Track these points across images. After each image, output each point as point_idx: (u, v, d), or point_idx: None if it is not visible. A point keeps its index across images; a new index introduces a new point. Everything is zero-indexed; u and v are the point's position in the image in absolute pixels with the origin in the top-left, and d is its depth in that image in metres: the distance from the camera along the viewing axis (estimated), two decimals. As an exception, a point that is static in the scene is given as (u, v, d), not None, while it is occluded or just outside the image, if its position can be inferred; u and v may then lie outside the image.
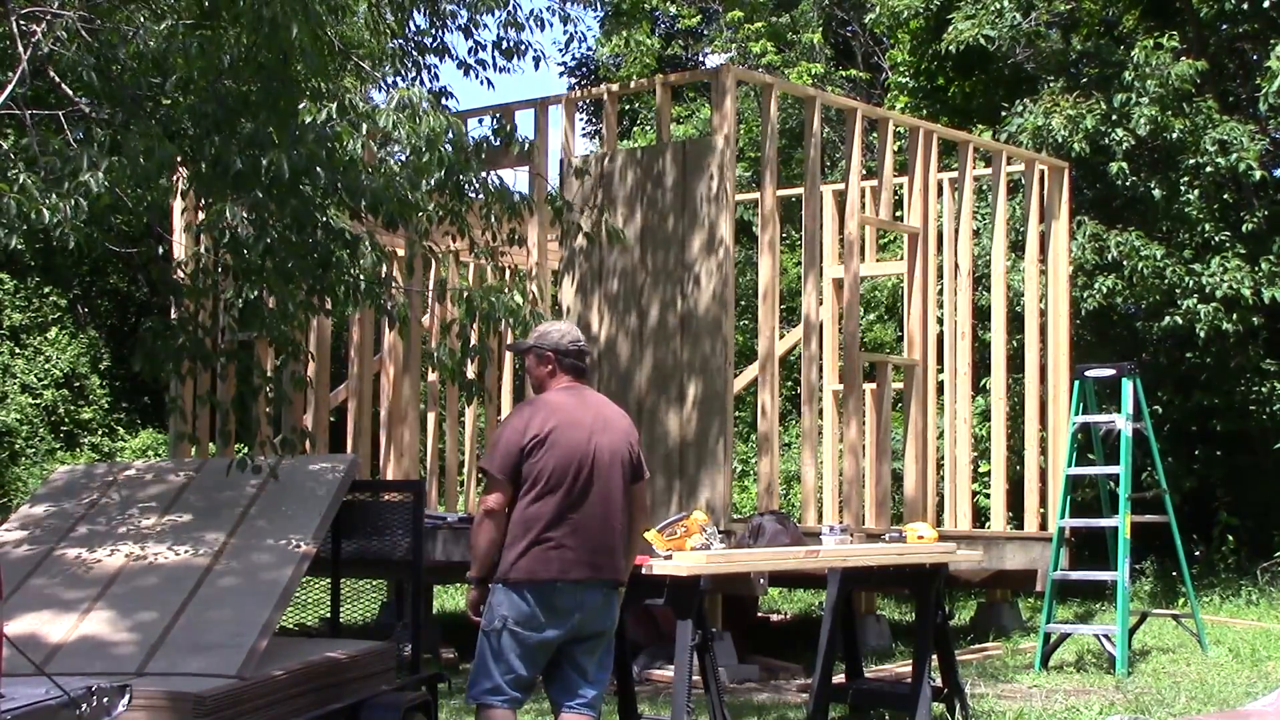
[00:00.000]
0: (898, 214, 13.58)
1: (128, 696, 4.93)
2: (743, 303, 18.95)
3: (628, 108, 23.96)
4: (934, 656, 8.27)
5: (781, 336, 14.62)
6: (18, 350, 19.65)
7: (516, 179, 11.32)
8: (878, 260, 15.25)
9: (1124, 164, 15.32)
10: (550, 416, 5.73)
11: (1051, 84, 16.68)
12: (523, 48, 9.74)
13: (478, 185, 8.72)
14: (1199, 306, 15.01)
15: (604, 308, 11.43)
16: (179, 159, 7.88)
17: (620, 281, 11.36)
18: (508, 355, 15.04)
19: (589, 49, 22.43)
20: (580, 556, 5.64)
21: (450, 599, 16.07)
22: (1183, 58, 15.54)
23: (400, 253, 11.84)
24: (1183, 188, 15.56)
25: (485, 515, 5.69)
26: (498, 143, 9.24)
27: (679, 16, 24.46)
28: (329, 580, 8.19)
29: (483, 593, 5.74)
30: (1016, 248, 14.55)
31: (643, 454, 6.04)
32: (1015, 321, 14.25)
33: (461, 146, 8.18)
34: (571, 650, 5.72)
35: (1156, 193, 15.64)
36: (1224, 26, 17.20)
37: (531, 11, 9.78)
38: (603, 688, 5.85)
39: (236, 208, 7.44)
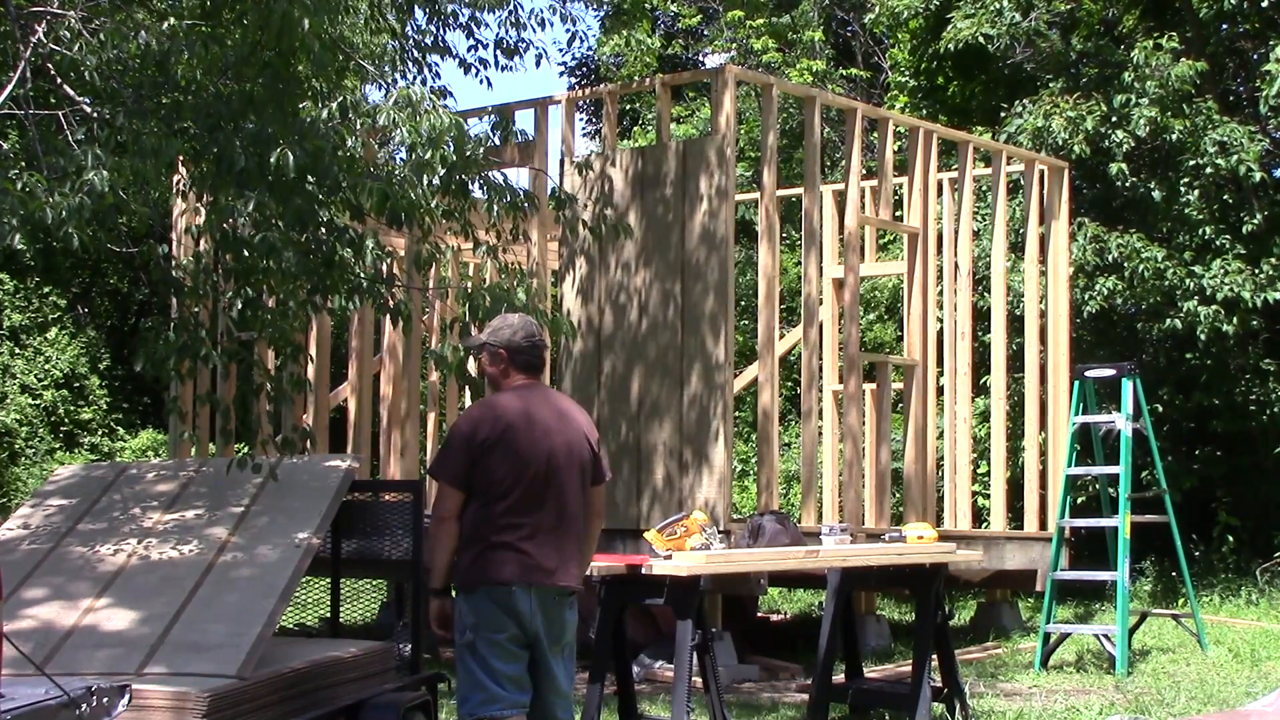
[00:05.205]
0: (898, 214, 13.59)
1: (127, 696, 4.93)
2: (743, 303, 18.96)
3: (628, 108, 23.97)
4: (934, 656, 8.27)
5: (781, 336, 14.62)
6: (18, 350, 19.65)
7: (518, 178, 11.34)
8: (878, 260, 15.26)
9: (1124, 165, 15.32)
10: (502, 418, 5.46)
11: (1051, 84, 16.69)
12: (524, 45, 9.75)
13: (480, 182, 8.73)
14: (1199, 309, 15.01)
15: (605, 307, 11.44)
16: (182, 158, 7.89)
17: (621, 281, 11.36)
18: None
19: (589, 49, 22.43)
20: (535, 562, 5.40)
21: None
22: (1183, 58, 15.54)
23: (401, 251, 11.84)
24: (1183, 189, 15.56)
25: (440, 524, 5.46)
26: (496, 136, 9.25)
27: (679, 16, 24.46)
28: (329, 580, 8.18)
29: (444, 604, 5.55)
30: (1016, 248, 14.55)
31: (604, 454, 5.77)
32: (1015, 322, 14.26)
33: (463, 144, 8.18)
34: (538, 657, 5.49)
35: (1156, 194, 15.65)
36: (1224, 27, 17.20)
37: (532, 11, 9.81)
38: (570, 697, 5.67)
39: (240, 206, 7.44)
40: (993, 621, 13.05)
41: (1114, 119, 15.44)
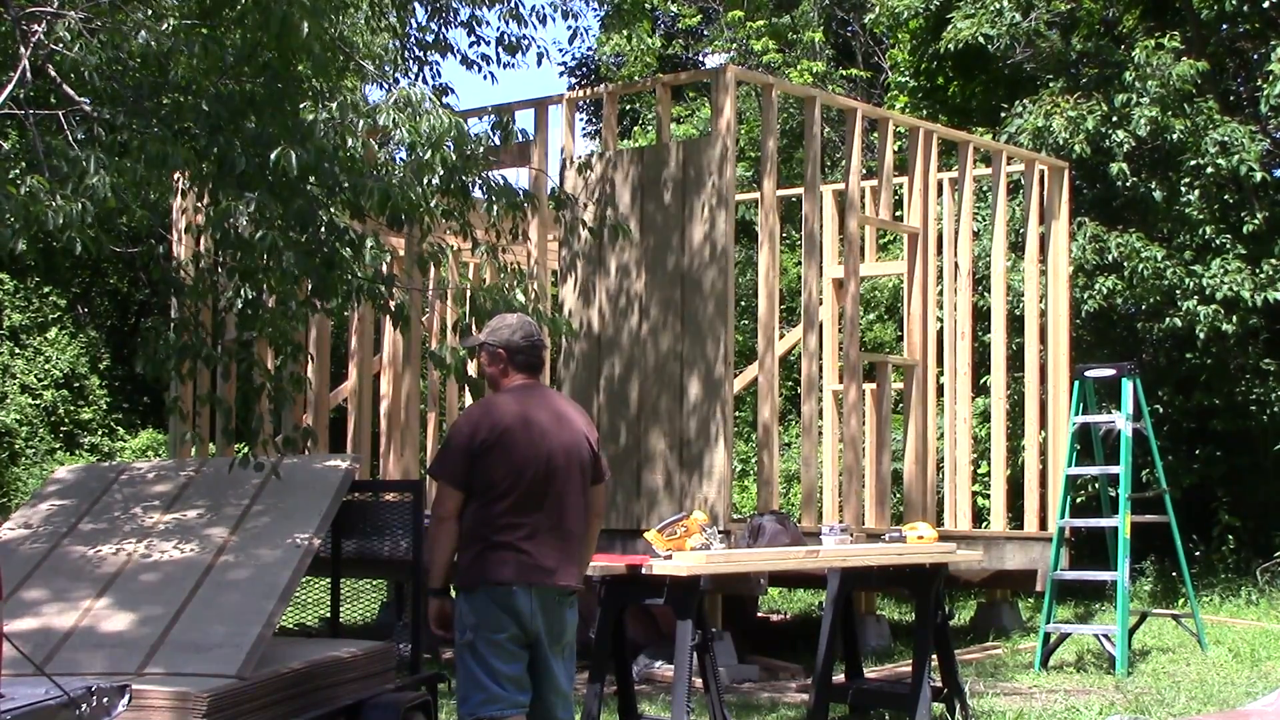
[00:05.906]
0: (898, 214, 13.58)
1: (127, 696, 4.93)
2: (743, 303, 18.96)
3: (628, 108, 23.97)
4: (934, 656, 8.27)
5: (781, 336, 14.62)
6: (18, 350, 19.64)
7: (518, 178, 11.35)
8: (878, 260, 15.25)
9: (1124, 165, 15.32)
10: (501, 418, 5.47)
11: (1051, 84, 16.69)
12: (525, 43, 9.76)
13: (480, 182, 8.73)
14: (1199, 308, 15.01)
15: (604, 306, 11.44)
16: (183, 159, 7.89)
17: (621, 280, 11.36)
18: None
19: (589, 48, 22.45)
20: (535, 562, 5.40)
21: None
22: (1183, 58, 15.54)
23: (400, 251, 11.84)
24: (1183, 189, 15.56)
25: (439, 524, 5.46)
26: (496, 136, 9.26)
27: (679, 16, 24.46)
28: (329, 580, 8.19)
29: (444, 604, 5.54)
30: (1016, 248, 14.55)
31: (603, 454, 5.78)
32: (1015, 322, 14.26)
33: (463, 145, 8.18)
34: (538, 657, 5.49)
35: (1157, 194, 15.64)
36: (1224, 27, 17.20)
37: (533, 8, 9.82)
38: (570, 697, 5.68)
39: (240, 207, 7.45)
40: (993, 621, 13.05)
41: (1114, 119, 15.44)
